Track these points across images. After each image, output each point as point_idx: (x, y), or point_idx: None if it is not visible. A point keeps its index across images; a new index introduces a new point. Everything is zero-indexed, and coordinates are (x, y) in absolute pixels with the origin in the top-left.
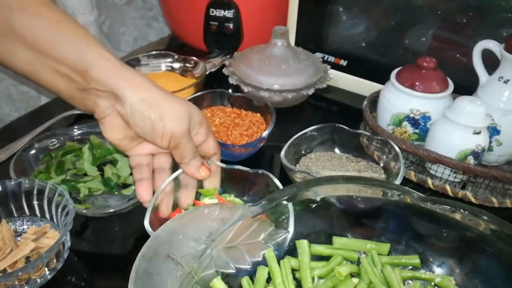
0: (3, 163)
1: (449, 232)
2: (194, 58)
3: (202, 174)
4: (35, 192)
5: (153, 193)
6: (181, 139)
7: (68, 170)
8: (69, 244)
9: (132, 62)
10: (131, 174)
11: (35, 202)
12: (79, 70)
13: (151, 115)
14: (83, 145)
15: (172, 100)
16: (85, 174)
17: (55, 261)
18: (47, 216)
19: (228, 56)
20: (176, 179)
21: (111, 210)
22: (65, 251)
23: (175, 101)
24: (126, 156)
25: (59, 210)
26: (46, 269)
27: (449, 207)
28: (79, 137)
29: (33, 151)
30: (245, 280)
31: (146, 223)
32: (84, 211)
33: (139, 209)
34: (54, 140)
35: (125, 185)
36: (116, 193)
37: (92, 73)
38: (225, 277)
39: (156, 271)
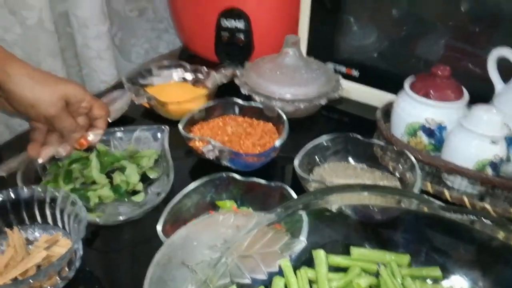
0: (15, 173)
1: (471, 242)
2: (206, 68)
3: (79, 145)
4: (47, 200)
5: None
6: (53, 119)
7: (76, 179)
8: (81, 252)
9: (144, 73)
10: (140, 180)
11: (48, 210)
12: None
13: (24, 104)
14: (89, 154)
15: (43, 86)
16: (94, 182)
17: (67, 269)
18: (59, 224)
19: (240, 67)
20: None
21: (123, 218)
22: (77, 259)
23: (47, 86)
24: (135, 163)
25: (71, 218)
26: (58, 277)
27: (472, 217)
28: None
29: (40, 161)
30: None
31: (159, 228)
32: (97, 219)
33: (151, 216)
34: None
35: (135, 192)
36: (126, 200)
37: None
38: (240, 287)
39: (170, 278)
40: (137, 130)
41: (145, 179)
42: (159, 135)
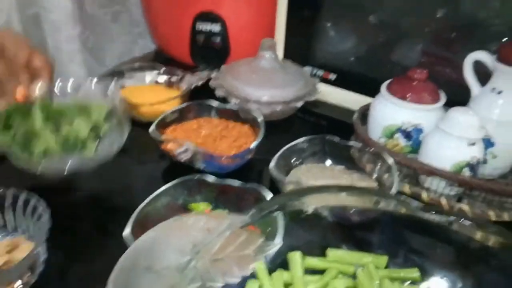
0: None
1: (449, 243)
2: (180, 70)
3: (17, 93)
4: (6, 204)
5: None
6: None
7: (16, 129)
8: (45, 256)
9: (116, 75)
10: (89, 134)
11: (9, 215)
12: None
13: None
14: (30, 107)
15: None
16: (37, 135)
17: (29, 274)
18: (23, 227)
19: (215, 70)
20: None
21: (71, 168)
22: (40, 264)
23: None
24: (84, 114)
25: (34, 220)
26: (20, 282)
27: (451, 217)
28: None
29: None
30: None
31: (125, 232)
32: (40, 169)
33: (121, 220)
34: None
35: (84, 148)
36: (75, 154)
37: None
38: None
39: (135, 283)
40: (84, 83)
41: (95, 137)
42: (109, 90)
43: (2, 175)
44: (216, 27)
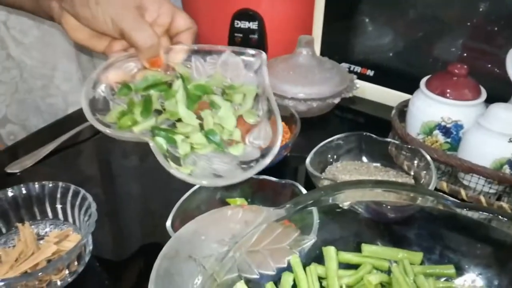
0: (29, 169)
1: (487, 241)
2: None
3: (150, 66)
4: (58, 195)
5: None
6: (123, 22)
7: (156, 113)
8: (91, 247)
9: None
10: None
11: (58, 206)
12: None
13: (88, 2)
14: (170, 77)
15: None
16: (179, 120)
17: (76, 263)
18: (70, 219)
19: None
20: None
21: (228, 182)
22: (86, 254)
23: None
24: (228, 99)
25: (82, 212)
26: (67, 271)
27: (488, 214)
28: None
29: (104, 85)
30: (269, 286)
31: (168, 223)
32: (187, 177)
33: (160, 212)
34: (131, 63)
35: (231, 142)
36: (224, 151)
37: None
38: (248, 282)
39: (177, 271)
40: (226, 52)
41: None
42: (253, 62)
43: (53, 168)
44: (254, 25)
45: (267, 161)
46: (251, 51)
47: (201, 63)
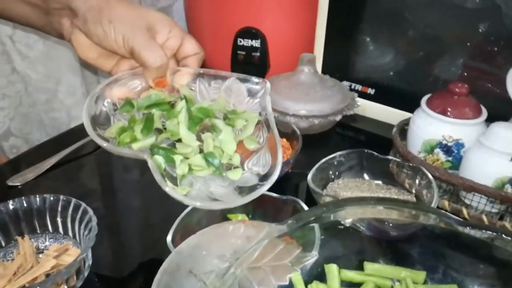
0: (31, 182)
1: (490, 260)
2: None
3: (155, 85)
4: (59, 208)
5: None
6: (134, 41)
7: (157, 132)
8: (90, 262)
9: None
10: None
11: (59, 219)
12: None
13: (100, 20)
14: (174, 97)
15: (122, 4)
16: (179, 141)
17: (75, 278)
18: (70, 233)
19: None
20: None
21: (223, 206)
22: (85, 269)
23: (125, 5)
24: (230, 124)
25: (82, 226)
26: (66, 286)
27: (491, 233)
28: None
29: (107, 100)
30: None
31: (169, 238)
32: (182, 198)
33: (160, 226)
34: (136, 81)
35: (229, 166)
36: (222, 175)
37: None
38: None
39: (177, 286)
40: (231, 78)
41: None
42: (257, 90)
43: (54, 182)
44: (256, 43)
45: (265, 188)
46: (256, 79)
47: (205, 87)
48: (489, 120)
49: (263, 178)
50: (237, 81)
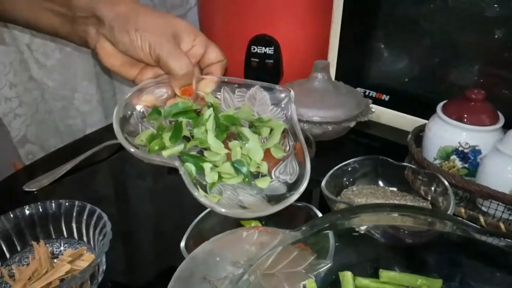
0: (46, 187)
1: (509, 268)
2: None
3: (181, 94)
4: (74, 214)
5: None
6: (162, 48)
7: (185, 139)
8: (104, 267)
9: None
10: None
11: (74, 224)
12: (63, 2)
13: (127, 28)
14: (200, 105)
15: (148, 12)
16: (206, 148)
17: (89, 283)
18: (85, 239)
19: None
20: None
21: (254, 215)
22: (99, 274)
23: (152, 13)
24: (256, 132)
25: (97, 232)
26: None
27: (508, 241)
28: None
29: (140, 108)
30: None
31: (182, 244)
32: (215, 205)
33: (174, 232)
34: (162, 89)
35: (257, 175)
36: (251, 183)
37: (73, 1)
38: None
39: None
40: (255, 86)
41: None
42: (281, 98)
43: (69, 188)
44: (270, 50)
45: (294, 197)
46: (280, 88)
47: (230, 95)
48: (506, 126)
49: (291, 186)
50: (261, 89)
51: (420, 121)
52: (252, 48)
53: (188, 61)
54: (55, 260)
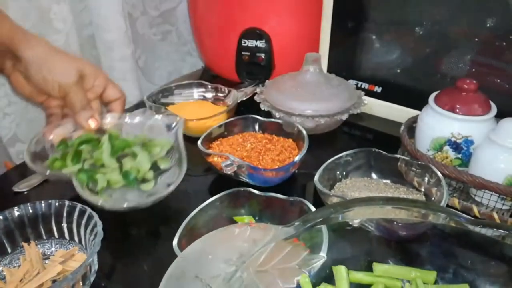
0: (36, 187)
1: (502, 258)
2: (226, 87)
3: (90, 124)
4: (64, 214)
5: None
6: (69, 89)
7: (84, 160)
8: (96, 267)
9: (165, 92)
10: (151, 168)
11: (64, 225)
12: None
13: (42, 72)
14: (100, 136)
15: (61, 56)
16: (102, 166)
17: (81, 284)
18: (76, 239)
19: (260, 85)
20: None
21: (129, 205)
22: (91, 274)
23: (64, 57)
24: (146, 151)
25: (88, 231)
26: None
27: (502, 231)
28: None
29: (50, 137)
30: None
31: (175, 242)
32: (102, 203)
33: (166, 230)
34: (69, 125)
35: (144, 181)
36: (135, 187)
37: None
38: None
39: None
40: (151, 119)
41: (155, 170)
42: (173, 125)
43: (59, 187)
44: (261, 43)
45: (167, 191)
46: (170, 116)
47: (131, 125)
48: (499, 116)
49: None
50: (157, 120)
51: (412, 112)
52: (243, 42)
53: (84, 95)
54: (46, 261)
